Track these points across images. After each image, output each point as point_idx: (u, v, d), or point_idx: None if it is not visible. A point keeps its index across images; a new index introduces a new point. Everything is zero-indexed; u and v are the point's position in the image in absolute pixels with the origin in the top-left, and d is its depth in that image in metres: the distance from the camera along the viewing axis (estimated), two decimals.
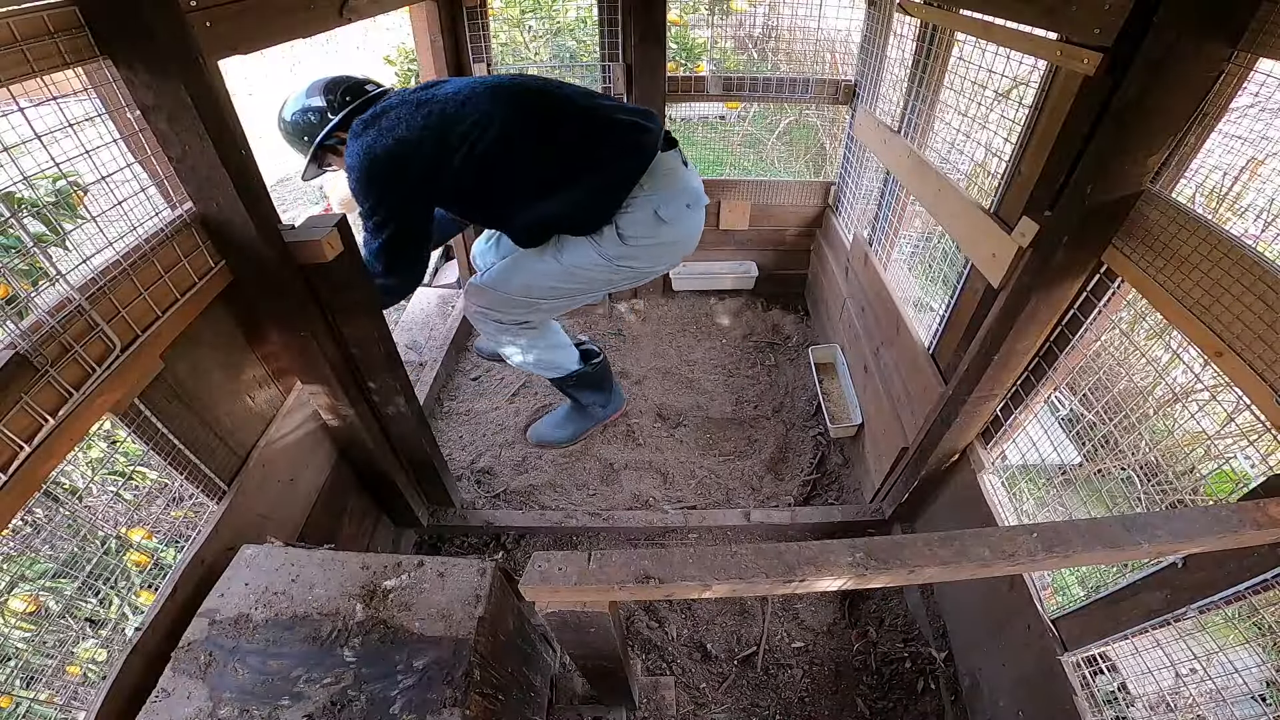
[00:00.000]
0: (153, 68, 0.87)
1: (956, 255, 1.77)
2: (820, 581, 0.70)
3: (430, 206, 1.58)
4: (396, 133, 1.44)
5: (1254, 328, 0.82)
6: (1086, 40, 1.03)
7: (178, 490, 1.18)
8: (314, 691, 0.92)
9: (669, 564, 0.70)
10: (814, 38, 2.66)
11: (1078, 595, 1.26)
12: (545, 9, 3.80)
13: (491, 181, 1.52)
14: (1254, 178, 1.16)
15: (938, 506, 1.73)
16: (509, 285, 1.74)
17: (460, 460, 2.23)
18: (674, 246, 1.68)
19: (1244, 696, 0.98)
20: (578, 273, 1.67)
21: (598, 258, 1.63)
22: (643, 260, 1.66)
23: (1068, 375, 1.26)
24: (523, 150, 1.49)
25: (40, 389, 0.82)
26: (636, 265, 1.67)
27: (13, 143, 0.78)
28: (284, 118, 1.60)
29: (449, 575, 1.06)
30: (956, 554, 0.70)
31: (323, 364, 1.28)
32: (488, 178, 1.51)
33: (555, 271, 1.69)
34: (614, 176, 1.55)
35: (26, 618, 1.13)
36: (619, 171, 1.55)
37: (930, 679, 1.62)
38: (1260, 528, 0.73)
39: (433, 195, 1.54)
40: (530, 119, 1.50)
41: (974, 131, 1.56)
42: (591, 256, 1.63)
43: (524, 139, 1.49)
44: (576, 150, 1.52)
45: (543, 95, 1.55)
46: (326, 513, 1.51)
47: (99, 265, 0.91)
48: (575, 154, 1.52)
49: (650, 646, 1.70)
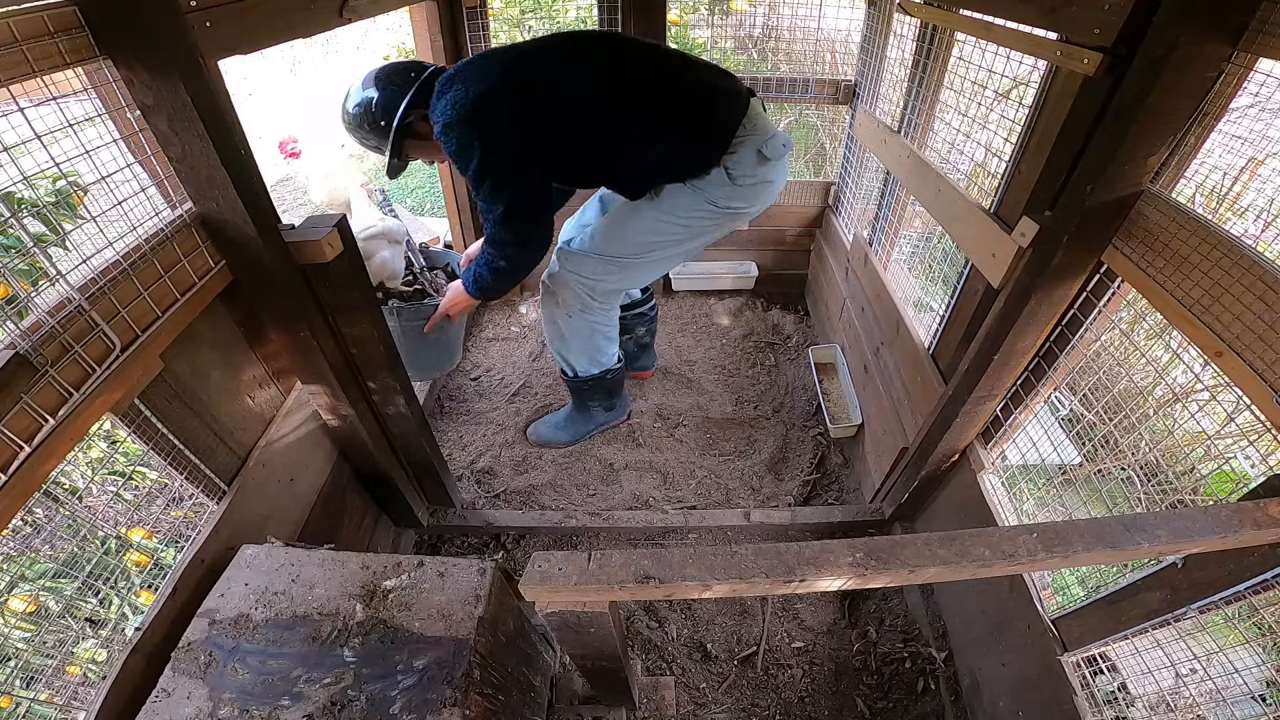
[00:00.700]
0: (153, 68, 0.87)
1: (956, 255, 1.77)
2: (820, 581, 0.70)
3: (537, 165, 1.53)
4: (477, 83, 1.42)
5: (1254, 328, 0.82)
6: (1086, 40, 1.03)
7: (178, 490, 1.18)
8: (314, 691, 0.92)
9: (669, 564, 0.70)
10: (814, 38, 2.66)
11: (1078, 595, 1.26)
12: (545, 9, 3.80)
13: (585, 125, 1.50)
14: (1254, 178, 1.16)
15: (938, 506, 1.73)
16: (607, 245, 1.73)
17: (460, 460, 2.23)
18: (772, 186, 1.68)
19: (1244, 696, 0.98)
20: (681, 221, 1.66)
21: (703, 202, 1.62)
22: (747, 201, 1.65)
23: (1068, 375, 1.26)
24: (611, 88, 1.49)
25: (40, 389, 0.82)
26: (740, 207, 1.65)
27: (13, 143, 0.78)
28: (350, 109, 1.55)
29: (449, 575, 1.06)
30: (956, 554, 0.70)
31: (323, 364, 1.28)
32: (578, 121, 1.49)
33: (657, 223, 1.67)
34: (722, 116, 1.55)
35: (26, 618, 1.13)
36: (726, 110, 1.55)
37: (930, 679, 1.62)
38: (1260, 528, 0.73)
39: (531, 149, 1.49)
40: (616, 57, 1.51)
41: (974, 131, 1.56)
42: (696, 202, 1.62)
43: (609, 77, 1.49)
44: (677, 91, 1.52)
45: (621, 39, 1.56)
46: (326, 513, 1.51)
47: (99, 265, 0.91)
48: (677, 95, 1.52)
49: (650, 646, 1.70)
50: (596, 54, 1.50)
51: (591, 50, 1.50)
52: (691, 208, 1.63)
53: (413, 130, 1.56)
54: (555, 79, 1.46)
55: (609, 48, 1.52)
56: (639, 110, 1.51)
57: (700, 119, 1.54)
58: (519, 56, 1.48)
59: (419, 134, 1.57)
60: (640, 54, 1.54)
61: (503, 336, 2.85)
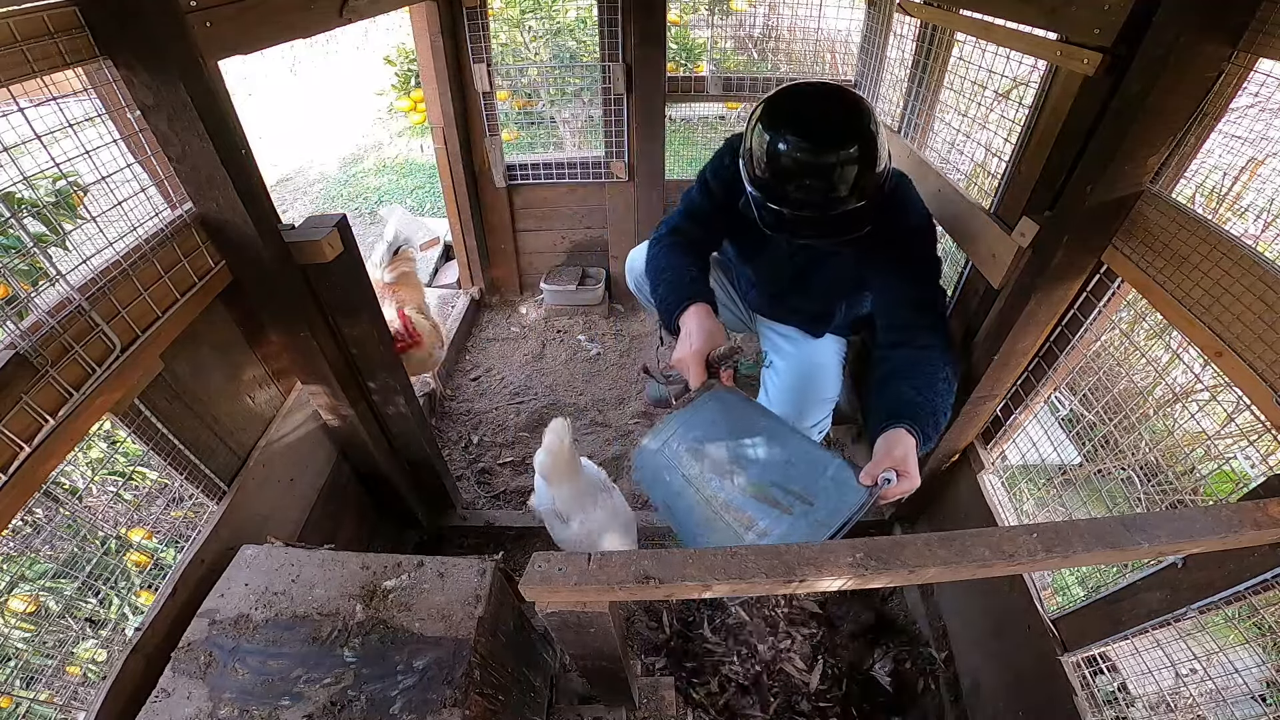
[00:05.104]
0: (152, 68, 0.87)
1: (956, 255, 1.77)
2: (820, 581, 0.70)
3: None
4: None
5: (1254, 328, 0.82)
6: (1086, 40, 1.03)
7: (178, 490, 1.18)
8: (314, 692, 0.92)
9: (669, 564, 0.70)
10: (814, 38, 2.66)
11: (1078, 595, 1.26)
12: (545, 9, 3.80)
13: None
14: (1254, 178, 1.16)
15: (937, 506, 1.73)
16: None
17: (460, 460, 2.23)
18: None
19: (1244, 696, 0.98)
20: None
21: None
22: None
23: (1068, 375, 1.26)
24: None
25: (40, 389, 0.82)
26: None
27: (13, 143, 0.77)
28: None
29: (449, 575, 1.06)
30: (956, 554, 0.70)
31: (323, 364, 1.28)
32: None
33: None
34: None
35: (26, 618, 1.13)
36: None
37: (930, 679, 1.61)
38: (1260, 528, 0.73)
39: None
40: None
41: (974, 131, 1.56)
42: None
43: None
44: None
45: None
46: (326, 513, 1.51)
47: (99, 265, 0.91)
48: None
49: (650, 646, 1.70)
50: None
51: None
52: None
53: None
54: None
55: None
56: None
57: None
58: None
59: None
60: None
61: (503, 337, 2.85)
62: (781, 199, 1.18)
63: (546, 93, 3.46)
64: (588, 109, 3.45)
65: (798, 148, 1.12)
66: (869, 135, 1.12)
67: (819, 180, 1.14)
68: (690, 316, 1.33)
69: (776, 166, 1.15)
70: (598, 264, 2.96)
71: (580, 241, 2.92)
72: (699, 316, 1.33)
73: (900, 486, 1.08)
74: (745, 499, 1.05)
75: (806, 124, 1.14)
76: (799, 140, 1.12)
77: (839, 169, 1.12)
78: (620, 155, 2.57)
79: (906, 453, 1.11)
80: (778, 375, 1.72)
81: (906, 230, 1.32)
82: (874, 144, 1.13)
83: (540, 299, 3.00)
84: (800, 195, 1.16)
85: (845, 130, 1.13)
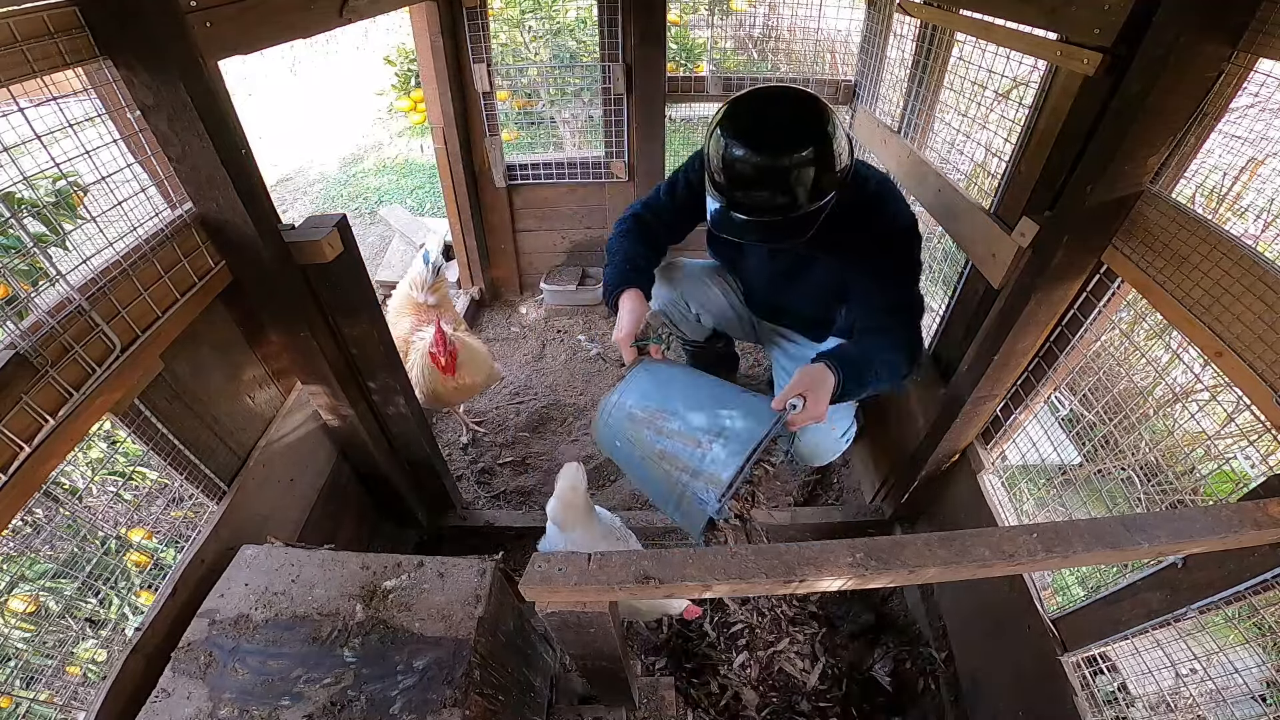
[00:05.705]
0: (152, 68, 0.87)
1: (956, 255, 1.76)
2: (820, 581, 0.70)
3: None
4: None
5: (1254, 328, 0.82)
6: (1086, 40, 1.03)
7: (178, 490, 1.18)
8: (314, 692, 0.92)
9: (669, 564, 0.70)
10: (814, 38, 2.65)
11: (1078, 595, 1.26)
12: (545, 9, 3.79)
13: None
14: (1254, 178, 1.16)
15: (938, 506, 1.73)
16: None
17: (460, 460, 2.23)
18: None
19: (1244, 696, 0.98)
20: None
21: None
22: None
23: (1068, 375, 1.26)
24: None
25: (40, 389, 0.82)
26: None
27: (13, 143, 0.77)
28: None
29: (449, 575, 1.06)
30: (956, 554, 0.70)
31: (323, 364, 1.28)
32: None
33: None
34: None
35: (26, 618, 1.13)
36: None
37: (930, 679, 1.61)
38: (1260, 528, 0.73)
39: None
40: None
41: (974, 131, 1.56)
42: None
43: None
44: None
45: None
46: (326, 513, 1.51)
47: (99, 265, 0.91)
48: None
49: (650, 646, 1.70)
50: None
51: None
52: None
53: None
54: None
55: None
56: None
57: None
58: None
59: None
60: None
61: (503, 337, 2.85)
62: (734, 204, 1.21)
63: (546, 93, 3.46)
64: (588, 109, 3.45)
65: (746, 154, 1.14)
66: (821, 139, 1.13)
67: (764, 189, 1.16)
68: (622, 301, 1.42)
69: (731, 173, 1.17)
70: (598, 264, 2.96)
71: (580, 241, 2.92)
72: (628, 302, 1.41)
73: (805, 413, 1.19)
74: (676, 444, 1.20)
75: (757, 131, 1.15)
76: (748, 148, 1.14)
77: (790, 173, 1.13)
78: (620, 155, 2.58)
79: (815, 384, 1.21)
80: (788, 379, 1.72)
81: (886, 233, 1.34)
82: (827, 148, 1.13)
83: (540, 299, 3.00)
84: (748, 201, 1.19)
85: (791, 136, 1.13)
